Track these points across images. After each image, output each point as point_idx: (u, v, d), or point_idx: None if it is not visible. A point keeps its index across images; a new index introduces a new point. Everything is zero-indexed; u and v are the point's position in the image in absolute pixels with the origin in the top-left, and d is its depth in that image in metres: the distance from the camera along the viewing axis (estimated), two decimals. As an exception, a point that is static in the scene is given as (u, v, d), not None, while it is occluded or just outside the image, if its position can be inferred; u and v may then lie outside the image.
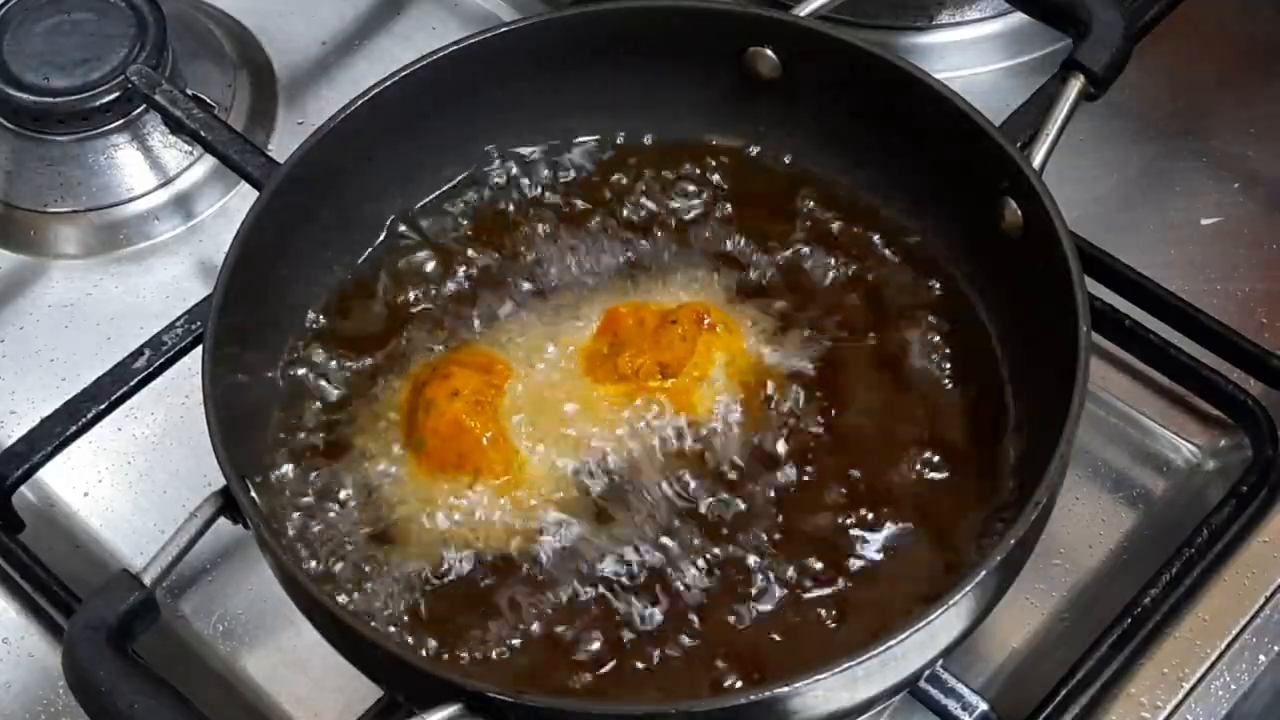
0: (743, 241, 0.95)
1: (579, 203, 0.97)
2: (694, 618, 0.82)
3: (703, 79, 0.96)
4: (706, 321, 0.89)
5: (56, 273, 1.10)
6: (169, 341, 0.97)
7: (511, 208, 0.97)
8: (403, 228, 0.96)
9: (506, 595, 0.83)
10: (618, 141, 0.99)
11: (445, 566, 0.84)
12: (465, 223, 0.97)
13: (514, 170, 0.98)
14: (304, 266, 0.93)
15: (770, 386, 0.89)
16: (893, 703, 0.85)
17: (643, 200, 0.97)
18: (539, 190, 0.98)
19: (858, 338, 0.91)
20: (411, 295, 0.94)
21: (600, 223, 0.96)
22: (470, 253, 0.95)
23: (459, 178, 0.98)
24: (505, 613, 0.83)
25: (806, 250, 0.94)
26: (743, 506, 0.85)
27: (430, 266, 0.95)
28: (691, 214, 0.96)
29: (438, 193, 0.97)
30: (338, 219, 0.94)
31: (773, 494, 0.85)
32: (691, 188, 0.97)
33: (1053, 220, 0.83)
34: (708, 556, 0.84)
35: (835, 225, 0.95)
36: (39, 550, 0.93)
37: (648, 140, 0.99)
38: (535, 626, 0.82)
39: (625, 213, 0.96)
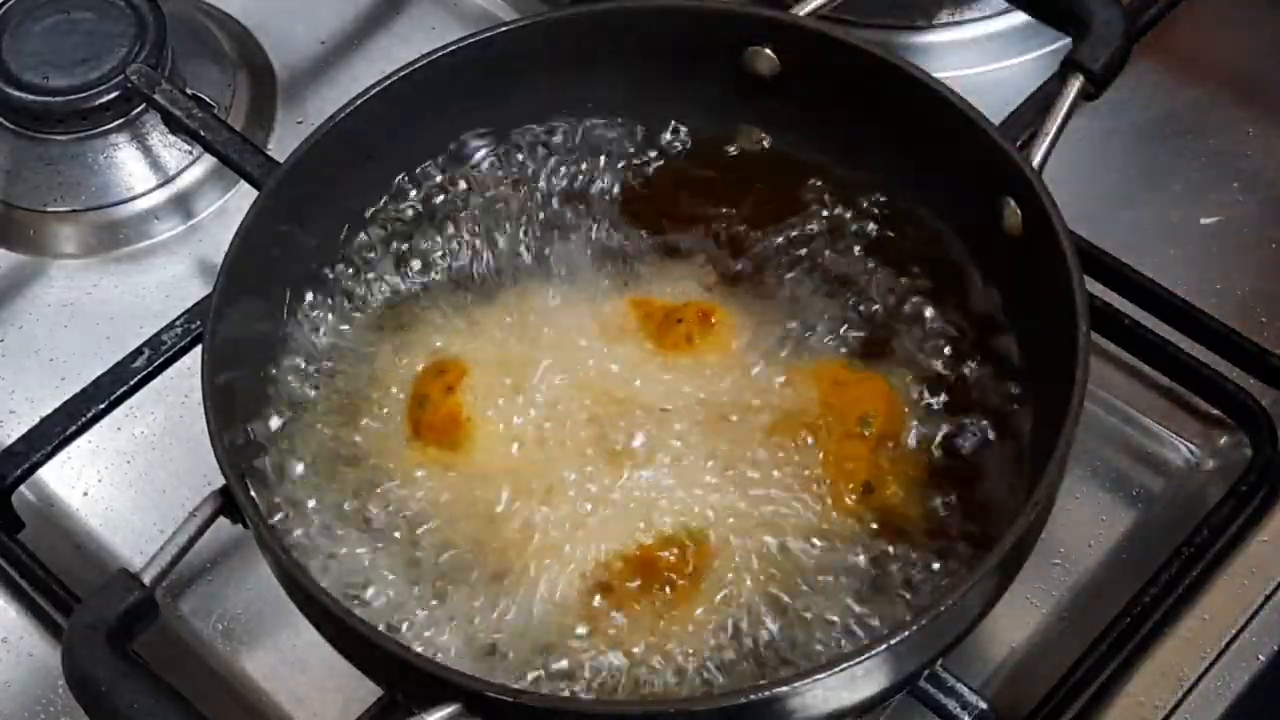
0: (742, 239, 0.95)
1: (576, 198, 0.97)
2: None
3: (702, 78, 0.96)
4: (712, 320, 0.89)
5: (56, 272, 1.10)
6: (168, 341, 0.97)
7: (511, 203, 0.97)
8: (402, 225, 0.96)
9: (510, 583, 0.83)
10: (616, 139, 0.99)
11: (446, 561, 0.84)
12: (464, 219, 0.97)
13: (512, 168, 0.98)
14: (303, 266, 0.93)
15: (769, 386, 0.89)
16: (892, 702, 0.85)
17: (642, 196, 0.97)
18: (538, 185, 0.97)
19: (857, 336, 0.90)
20: (411, 293, 0.94)
21: (599, 218, 0.96)
22: (469, 248, 0.95)
23: (457, 176, 0.98)
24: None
25: (805, 250, 0.94)
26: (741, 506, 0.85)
27: (429, 263, 0.95)
28: (691, 211, 0.96)
29: (436, 191, 0.97)
30: (337, 218, 0.94)
31: (772, 493, 0.85)
32: (690, 185, 0.97)
33: (1052, 220, 0.83)
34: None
35: (834, 224, 0.95)
36: (38, 550, 0.93)
37: (646, 138, 0.98)
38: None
39: (625, 208, 0.96)
